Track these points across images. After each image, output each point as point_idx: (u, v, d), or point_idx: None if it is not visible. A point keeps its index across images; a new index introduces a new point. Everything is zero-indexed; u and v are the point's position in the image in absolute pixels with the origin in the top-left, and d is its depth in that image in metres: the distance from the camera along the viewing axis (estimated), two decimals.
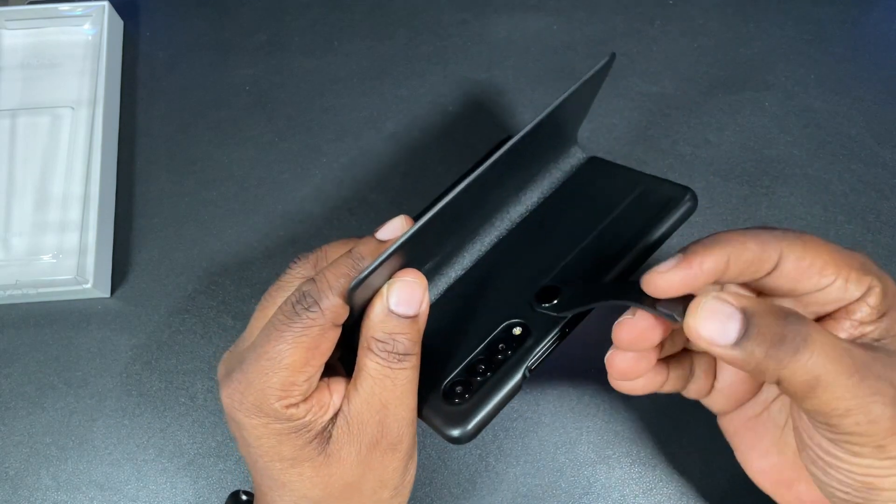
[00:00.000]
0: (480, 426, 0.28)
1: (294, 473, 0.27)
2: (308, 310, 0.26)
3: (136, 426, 0.40)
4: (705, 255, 0.25)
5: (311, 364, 0.26)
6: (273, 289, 0.29)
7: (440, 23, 0.50)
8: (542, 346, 0.29)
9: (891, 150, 0.45)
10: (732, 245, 0.25)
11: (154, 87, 0.49)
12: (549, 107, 0.28)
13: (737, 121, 0.46)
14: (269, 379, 0.26)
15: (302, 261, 0.30)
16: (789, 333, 0.23)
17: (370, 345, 0.27)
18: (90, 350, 0.42)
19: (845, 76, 0.47)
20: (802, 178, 0.45)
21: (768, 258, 0.25)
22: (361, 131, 0.47)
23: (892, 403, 0.23)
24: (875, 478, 0.24)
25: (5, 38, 0.49)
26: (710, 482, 0.39)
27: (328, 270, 0.27)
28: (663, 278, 0.25)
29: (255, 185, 0.46)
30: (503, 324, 0.31)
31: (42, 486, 0.39)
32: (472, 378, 0.29)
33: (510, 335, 0.30)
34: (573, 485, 0.39)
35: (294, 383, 0.26)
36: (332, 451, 0.27)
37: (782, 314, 0.23)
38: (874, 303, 0.25)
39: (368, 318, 0.27)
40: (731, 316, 0.23)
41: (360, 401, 0.27)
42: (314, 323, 0.26)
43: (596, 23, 0.49)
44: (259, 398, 0.26)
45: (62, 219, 0.43)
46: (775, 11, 0.50)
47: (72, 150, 0.45)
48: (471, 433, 0.27)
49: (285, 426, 0.26)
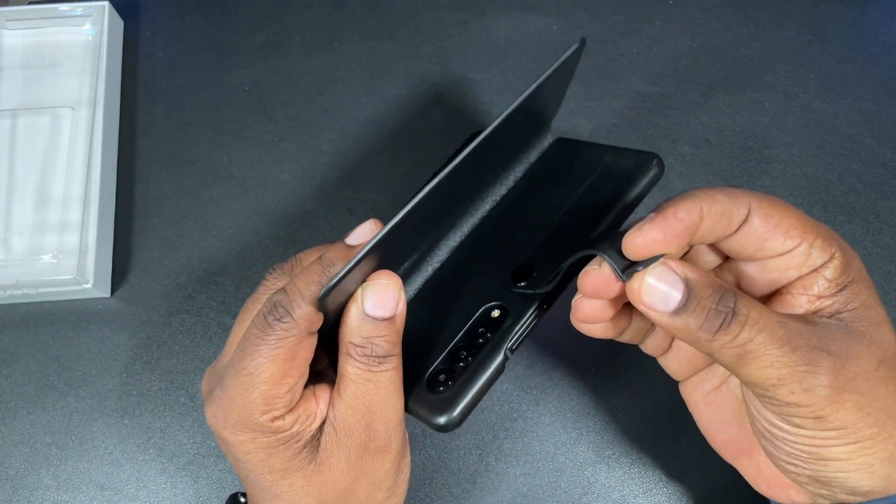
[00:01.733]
0: (466, 411, 0.27)
1: (286, 485, 0.27)
2: (280, 320, 0.26)
3: (136, 426, 0.40)
4: (678, 206, 0.25)
5: (290, 375, 0.26)
6: (249, 301, 0.29)
7: (440, 23, 0.50)
8: (521, 325, 0.29)
9: (891, 150, 0.45)
10: (703, 197, 0.25)
11: (154, 87, 0.49)
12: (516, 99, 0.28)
13: (737, 121, 0.46)
14: (249, 394, 0.25)
15: (277, 271, 0.29)
16: (722, 307, 0.24)
17: (349, 350, 0.27)
18: (90, 350, 0.42)
19: (845, 76, 0.47)
20: (802, 178, 0.45)
21: (738, 212, 0.25)
22: (361, 131, 0.47)
23: (828, 373, 0.23)
24: (820, 448, 0.25)
25: (5, 38, 0.49)
26: (710, 482, 0.39)
27: (298, 278, 0.27)
28: (641, 235, 0.25)
29: (255, 185, 0.46)
30: (481, 308, 0.30)
31: (42, 485, 0.39)
32: (454, 365, 0.28)
33: (489, 318, 0.30)
34: (573, 485, 0.39)
35: (275, 396, 0.26)
36: (322, 460, 0.27)
37: (720, 289, 0.24)
38: (831, 276, 0.25)
39: (345, 323, 0.27)
40: (675, 285, 0.24)
41: (344, 406, 0.27)
42: (287, 334, 0.26)
43: (596, 23, 0.49)
44: (243, 414, 0.26)
45: (62, 219, 0.43)
46: (775, 11, 0.50)
47: (72, 150, 0.45)
48: (457, 419, 0.27)
49: (272, 439, 0.26)
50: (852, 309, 0.25)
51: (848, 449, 0.25)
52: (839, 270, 0.25)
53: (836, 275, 0.25)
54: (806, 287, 0.26)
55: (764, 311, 0.24)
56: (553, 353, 0.41)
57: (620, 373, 0.41)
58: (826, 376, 0.23)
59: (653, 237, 0.25)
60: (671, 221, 0.25)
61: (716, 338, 0.24)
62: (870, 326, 0.25)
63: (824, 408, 0.24)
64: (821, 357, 0.23)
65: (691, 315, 0.24)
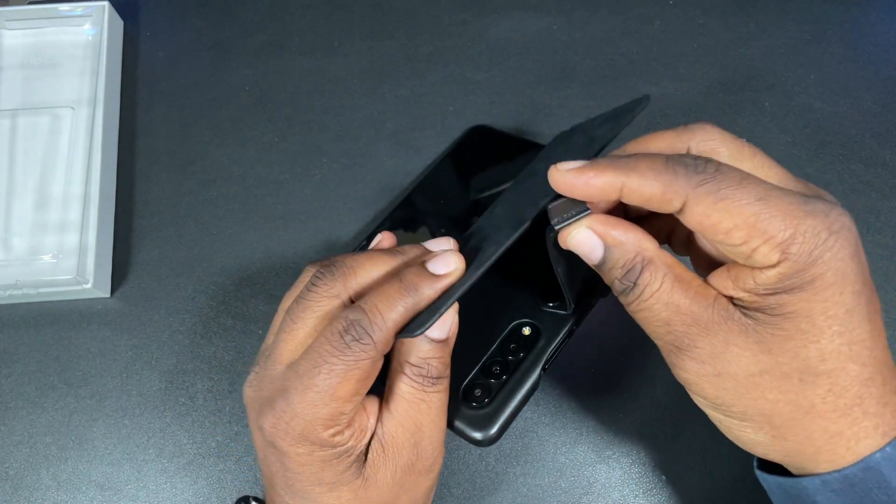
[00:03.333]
0: (503, 428, 0.28)
1: (332, 497, 0.27)
2: (360, 341, 0.25)
3: (136, 426, 0.40)
4: (600, 174, 0.25)
5: (360, 394, 0.26)
6: (298, 308, 0.27)
7: (440, 23, 0.50)
8: (555, 345, 0.30)
9: (891, 150, 0.45)
10: (633, 176, 0.24)
11: (154, 87, 0.49)
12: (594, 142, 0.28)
13: (737, 121, 0.46)
14: (318, 410, 0.25)
15: (327, 277, 0.27)
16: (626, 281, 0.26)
17: (404, 369, 0.27)
18: (90, 350, 0.42)
19: (845, 76, 0.47)
20: (802, 178, 0.45)
21: (668, 203, 0.24)
22: (361, 131, 0.47)
23: (690, 360, 0.25)
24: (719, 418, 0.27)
25: (5, 38, 0.49)
26: (711, 482, 0.39)
27: (378, 300, 0.26)
28: (560, 176, 0.25)
29: (255, 185, 0.46)
30: (511, 324, 0.31)
31: (42, 485, 0.39)
32: (488, 381, 0.30)
33: (520, 335, 0.31)
34: (573, 485, 0.39)
35: (343, 413, 0.26)
36: (368, 475, 0.27)
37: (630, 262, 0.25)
38: (760, 280, 0.24)
39: (403, 342, 0.27)
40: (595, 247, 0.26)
41: (394, 424, 0.27)
42: (367, 356, 0.25)
43: (596, 23, 0.49)
44: (306, 429, 0.26)
45: (62, 219, 0.43)
46: (775, 11, 0.50)
47: (72, 150, 0.45)
48: (495, 436, 0.28)
49: (329, 453, 0.26)
50: (772, 314, 0.24)
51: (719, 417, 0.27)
52: (774, 279, 0.23)
53: (769, 281, 0.23)
54: (737, 279, 0.25)
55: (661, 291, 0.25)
56: None
57: (620, 373, 0.41)
58: (691, 361, 0.25)
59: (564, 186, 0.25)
60: (583, 181, 0.25)
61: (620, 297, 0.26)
62: (776, 339, 0.24)
63: (689, 385, 0.26)
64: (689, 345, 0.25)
65: (605, 275, 0.26)
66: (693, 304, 0.25)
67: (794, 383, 0.24)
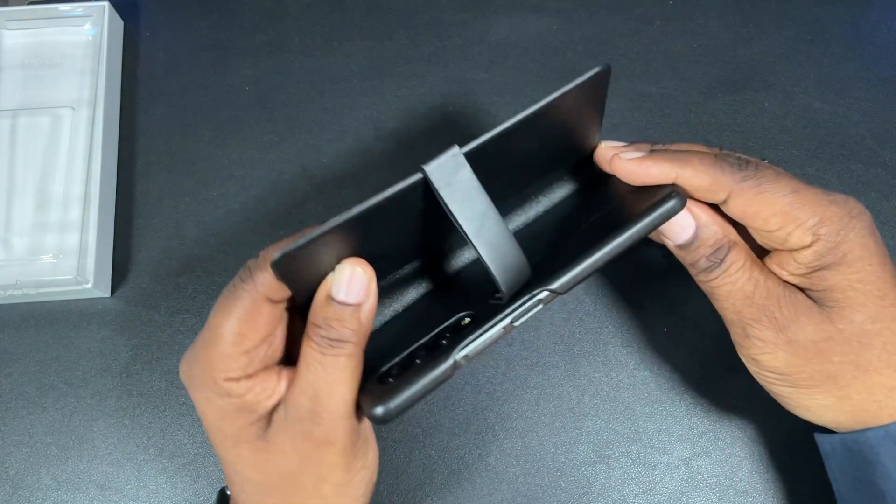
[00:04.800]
0: (403, 406, 0.26)
1: (234, 453, 0.27)
2: (243, 281, 0.27)
3: (136, 426, 0.40)
4: (657, 164, 0.29)
5: (247, 337, 0.26)
6: None
7: (440, 23, 0.50)
8: (476, 334, 0.27)
9: (891, 150, 0.45)
10: (687, 168, 0.29)
11: (154, 87, 0.49)
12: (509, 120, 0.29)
13: (737, 121, 0.46)
14: (209, 351, 0.26)
15: None
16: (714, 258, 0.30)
17: (308, 330, 0.27)
18: (90, 350, 0.42)
19: (845, 76, 0.47)
20: (802, 178, 0.44)
21: (715, 195, 0.29)
22: (361, 131, 0.47)
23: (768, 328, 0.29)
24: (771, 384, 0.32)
25: (5, 38, 0.49)
26: (711, 482, 0.39)
27: (271, 245, 0.28)
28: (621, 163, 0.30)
29: (255, 185, 0.46)
30: (456, 316, 0.29)
31: (42, 485, 0.39)
32: (409, 363, 0.28)
33: (459, 325, 0.29)
34: (573, 485, 0.39)
35: (230, 356, 0.26)
36: (270, 437, 0.27)
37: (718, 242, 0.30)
38: (801, 259, 0.29)
39: (312, 304, 0.27)
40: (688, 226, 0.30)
41: (296, 388, 0.27)
42: (246, 294, 0.26)
43: (596, 23, 0.49)
44: (202, 370, 0.26)
45: (62, 219, 0.43)
46: (775, 11, 0.50)
47: (72, 150, 0.45)
48: (393, 412, 0.26)
49: (226, 402, 0.26)
50: (820, 290, 0.29)
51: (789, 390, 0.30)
52: (811, 257, 0.28)
53: (807, 259, 0.29)
54: (781, 263, 0.30)
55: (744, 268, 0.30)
56: (553, 353, 0.41)
57: (621, 373, 0.41)
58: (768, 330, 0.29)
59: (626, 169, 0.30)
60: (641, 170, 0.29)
61: (699, 276, 0.31)
62: (832, 310, 0.29)
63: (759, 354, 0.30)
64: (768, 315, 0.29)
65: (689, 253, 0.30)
66: (769, 279, 0.29)
67: (853, 346, 0.28)
